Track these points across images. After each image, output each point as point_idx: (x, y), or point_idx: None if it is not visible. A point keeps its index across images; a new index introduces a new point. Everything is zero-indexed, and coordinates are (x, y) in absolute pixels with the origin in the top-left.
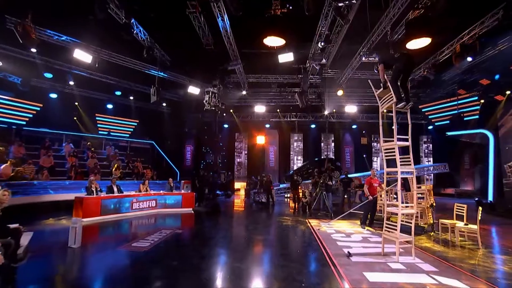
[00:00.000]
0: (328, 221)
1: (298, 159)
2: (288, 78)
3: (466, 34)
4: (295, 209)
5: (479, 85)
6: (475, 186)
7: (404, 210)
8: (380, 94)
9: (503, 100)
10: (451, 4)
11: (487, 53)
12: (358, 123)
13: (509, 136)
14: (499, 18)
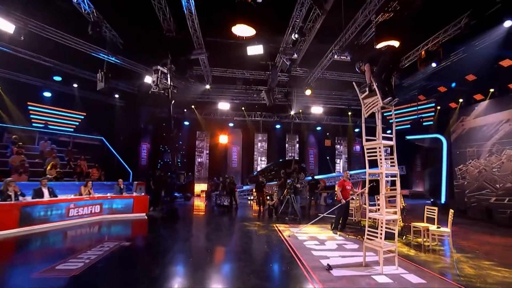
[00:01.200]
0: (297, 226)
1: (262, 160)
2: (255, 75)
3: (430, 41)
4: (260, 212)
5: (438, 92)
6: (425, 188)
7: (388, 216)
8: (366, 98)
9: (456, 107)
10: (419, 10)
11: (447, 61)
12: (323, 125)
13: (459, 141)
14: (461, 27)
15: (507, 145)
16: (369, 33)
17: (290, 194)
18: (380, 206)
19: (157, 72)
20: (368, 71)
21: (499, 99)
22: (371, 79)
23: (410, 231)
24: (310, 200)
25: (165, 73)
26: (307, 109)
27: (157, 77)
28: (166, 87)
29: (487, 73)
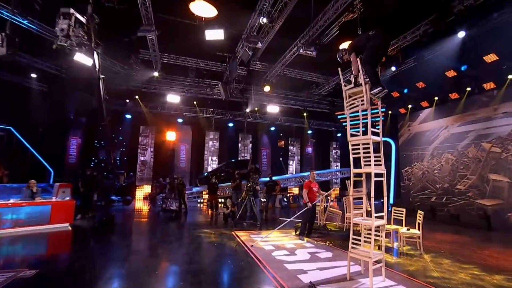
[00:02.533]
0: (258, 233)
1: (213, 159)
2: (210, 65)
3: (391, 45)
4: (212, 217)
5: (391, 97)
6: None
7: (377, 221)
8: (352, 92)
9: (405, 112)
10: (382, 14)
11: (404, 67)
12: (277, 125)
13: (406, 145)
14: (419, 34)
15: (446, 149)
16: (331, 33)
17: (250, 197)
18: (360, 210)
19: (69, 18)
20: (355, 61)
21: (441, 107)
22: (358, 70)
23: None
24: (267, 203)
25: (81, 22)
26: (262, 108)
27: (68, 25)
28: (83, 41)
29: (434, 82)
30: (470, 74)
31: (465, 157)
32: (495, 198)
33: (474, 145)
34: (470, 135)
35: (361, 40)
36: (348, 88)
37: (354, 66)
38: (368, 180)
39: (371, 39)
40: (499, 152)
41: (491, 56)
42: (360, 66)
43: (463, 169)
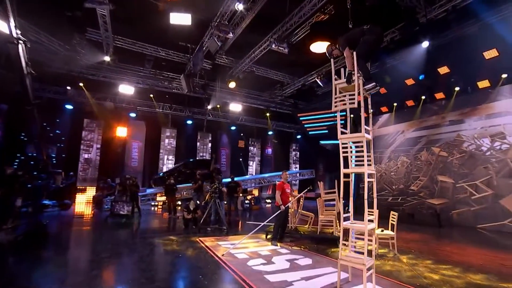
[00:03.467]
0: (226, 239)
1: (169, 159)
2: (172, 55)
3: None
4: (170, 221)
5: None
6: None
7: (370, 225)
8: (343, 87)
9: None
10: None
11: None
12: (238, 124)
13: None
14: (387, 41)
15: (402, 153)
16: (300, 33)
17: (215, 200)
18: (350, 213)
19: None
20: (350, 56)
21: (398, 113)
22: (352, 65)
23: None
24: (230, 206)
25: None
26: (225, 106)
27: None
28: None
29: (395, 88)
30: (425, 83)
31: (418, 160)
32: (442, 197)
33: (426, 149)
34: (422, 140)
35: (355, 34)
36: (339, 82)
37: (349, 61)
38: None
39: (365, 34)
40: (446, 156)
41: (444, 68)
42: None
43: (416, 171)
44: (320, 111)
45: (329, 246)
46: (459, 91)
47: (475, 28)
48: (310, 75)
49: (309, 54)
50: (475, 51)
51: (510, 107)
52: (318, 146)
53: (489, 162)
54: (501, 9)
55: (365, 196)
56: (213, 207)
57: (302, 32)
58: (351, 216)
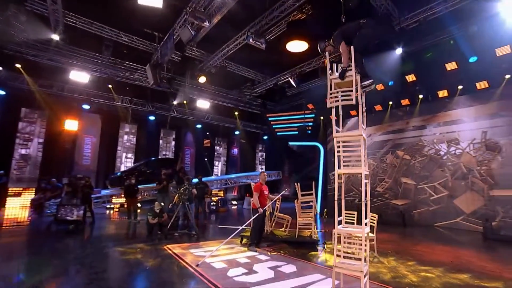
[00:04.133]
0: (198, 245)
1: (128, 157)
2: (136, 42)
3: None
4: (130, 227)
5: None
6: (290, 191)
7: (367, 228)
8: (338, 82)
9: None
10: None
11: None
12: (204, 122)
13: (333, 150)
14: None
15: (369, 156)
16: (275, 31)
17: (184, 202)
18: (339, 217)
19: None
20: (346, 51)
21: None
22: (348, 61)
23: (331, 238)
24: (198, 208)
25: None
26: (192, 102)
27: None
28: None
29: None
30: (394, 89)
31: (384, 163)
32: (405, 198)
33: (391, 153)
34: (388, 143)
35: (351, 28)
36: (334, 77)
37: (345, 56)
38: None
39: (362, 28)
40: (409, 159)
41: (411, 76)
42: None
43: (382, 174)
44: (290, 112)
45: (308, 250)
46: (423, 98)
47: (441, 40)
48: (283, 75)
49: (283, 53)
50: (439, 62)
51: (463, 116)
52: (285, 147)
53: (445, 166)
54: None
55: (363, 198)
56: (181, 210)
57: (278, 30)
58: (343, 220)
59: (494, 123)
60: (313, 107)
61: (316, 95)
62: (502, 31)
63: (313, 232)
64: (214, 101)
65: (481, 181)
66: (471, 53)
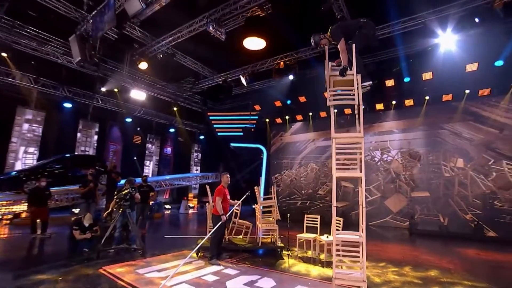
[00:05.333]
0: (146, 263)
1: (29, 151)
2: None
3: (290, 55)
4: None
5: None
6: None
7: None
8: (337, 80)
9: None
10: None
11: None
12: (135, 116)
13: (277, 153)
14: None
15: (312, 159)
16: (234, 23)
17: (125, 210)
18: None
19: None
20: (345, 49)
21: (308, 122)
22: (350, 60)
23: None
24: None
25: None
26: (124, 91)
27: None
28: None
29: (313, 98)
30: None
31: (326, 167)
32: (344, 200)
33: None
34: (330, 149)
35: (351, 25)
36: (333, 74)
37: (344, 54)
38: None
39: (362, 27)
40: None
41: None
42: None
43: (324, 177)
44: (233, 112)
45: (274, 258)
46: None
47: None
48: (234, 72)
49: (236, 49)
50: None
51: (393, 127)
52: (223, 148)
53: (379, 171)
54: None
55: (362, 203)
56: (120, 219)
57: (234, 24)
58: (333, 227)
59: (416, 135)
60: (259, 109)
61: (264, 97)
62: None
63: (276, 238)
64: (151, 92)
65: (405, 184)
66: (406, 74)
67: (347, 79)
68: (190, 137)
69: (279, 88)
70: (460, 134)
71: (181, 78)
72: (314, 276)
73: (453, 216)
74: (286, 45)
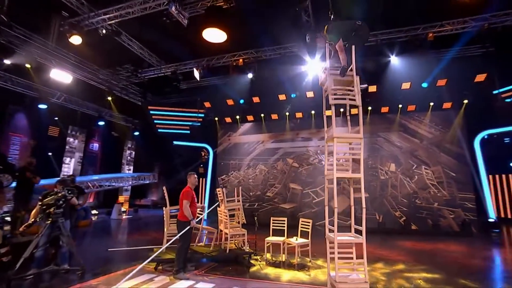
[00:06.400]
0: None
1: None
2: None
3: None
4: None
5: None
6: (159, 196)
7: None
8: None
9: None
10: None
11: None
12: (53, 103)
13: (224, 154)
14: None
15: (260, 161)
16: (189, 10)
17: (56, 219)
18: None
19: None
20: (343, 50)
21: (259, 123)
22: (347, 60)
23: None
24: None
25: None
26: (42, 70)
27: None
28: None
29: (267, 100)
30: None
31: (274, 169)
32: (292, 202)
33: (282, 160)
34: (279, 151)
35: (346, 26)
36: (334, 73)
37: (343, 54)
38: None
39: (357, 30)
40: (297, 167)
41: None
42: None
43: (272, 179)
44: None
45: (245, 265)
46: (314, 114)
47: None
48: (186, 64)
49: (191, 40)
50: None
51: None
52: (160, 147)
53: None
54: None
55: (363, 205)
56: (46, 233)
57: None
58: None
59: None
60: (210, 106)
61: (216, 94)
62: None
63: (245, 243)
64: (79, 76)
65: (348, 186)
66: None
67: (344, 80)
68: (124, 133)
69: (233, 86)
70: (393, 142)
71: (120, 64)
72: (297, 281)
73: (387, 213)
74: (246, 42)
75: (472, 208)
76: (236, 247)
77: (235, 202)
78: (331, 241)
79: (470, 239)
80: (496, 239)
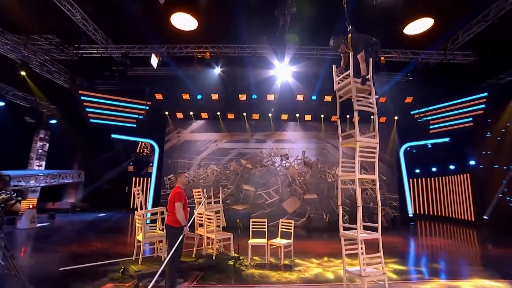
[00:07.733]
0: None
1: None
2: None
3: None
4: None
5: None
6: (77, 198)
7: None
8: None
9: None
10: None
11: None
12: None
13: (173, 152)
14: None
15: (213, 161)
16: None
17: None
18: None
19: None
20: (364, 61)
21: (213, 121)
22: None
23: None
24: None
25: None
26: None
27: None
28: None
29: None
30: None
31: (227, 170)
32: (245, 203)
33: (235, 161)
34: (233, 151)
35: (367, 40)
36: (355, 80)
37: (365, 65)
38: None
39: (373, 45)
40: (250, 168)
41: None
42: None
43: (225, 180)
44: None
45: (234, 271)
46: (272, 116)
47: None
48: (142, 48)
49: (157, 22)
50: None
51: (291, 138)
52: (81, 140)
53: (278, 175)
54: None
55: (379, 203)
56: None
57: None
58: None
59: (309, 146)
60: (161, 98)
61: (171, 86)
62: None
63: (231, 248)
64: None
65: (299, 188)
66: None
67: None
68: (35, 119)
69: (194, 80)
70: (338, 148)
71: (42, 32)
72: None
73: (332, 213)
74: (216, 35)
75: (397, 206)
76: (218, 252)
77: (217, 205)
78: (347, 238)
79: (397, 232)
80: (412, 230)
